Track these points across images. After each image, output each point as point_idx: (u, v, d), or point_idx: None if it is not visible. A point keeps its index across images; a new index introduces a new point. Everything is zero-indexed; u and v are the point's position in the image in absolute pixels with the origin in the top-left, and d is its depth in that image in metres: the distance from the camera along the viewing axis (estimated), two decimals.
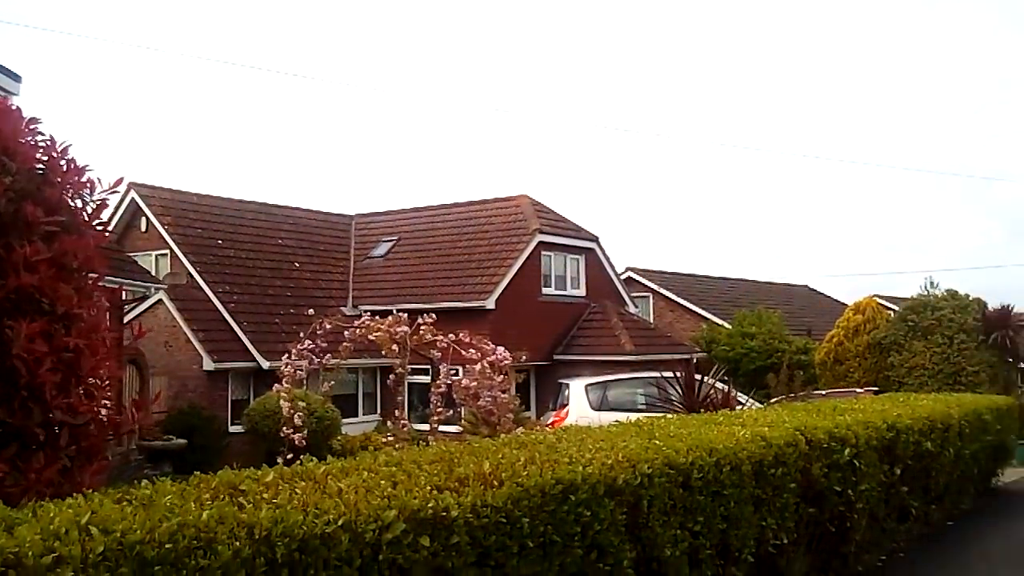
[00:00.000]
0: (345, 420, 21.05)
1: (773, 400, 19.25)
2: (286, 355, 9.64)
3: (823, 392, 22.58)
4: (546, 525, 3.87)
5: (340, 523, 3.05)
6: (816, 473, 6.45)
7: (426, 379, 19.36)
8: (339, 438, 20.22)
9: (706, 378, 13.38)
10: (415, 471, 3.90)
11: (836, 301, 47.69)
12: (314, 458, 4.29)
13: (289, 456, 9.12)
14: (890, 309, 28.10)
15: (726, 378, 14.68)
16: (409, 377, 10.31)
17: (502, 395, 9.11)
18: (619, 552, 4.31)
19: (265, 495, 3.23)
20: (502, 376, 9.21)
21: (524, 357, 10.26)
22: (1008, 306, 24.23)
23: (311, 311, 10.44)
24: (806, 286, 49.72)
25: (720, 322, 31.09)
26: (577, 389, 16.71)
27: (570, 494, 4.03)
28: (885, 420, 8.03)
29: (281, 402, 9.53)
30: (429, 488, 3.55)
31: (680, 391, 13.18)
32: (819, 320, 36.12)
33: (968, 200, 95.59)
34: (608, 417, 16.50)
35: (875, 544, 8.23)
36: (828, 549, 7.05)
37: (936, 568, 8.34)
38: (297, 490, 3.36)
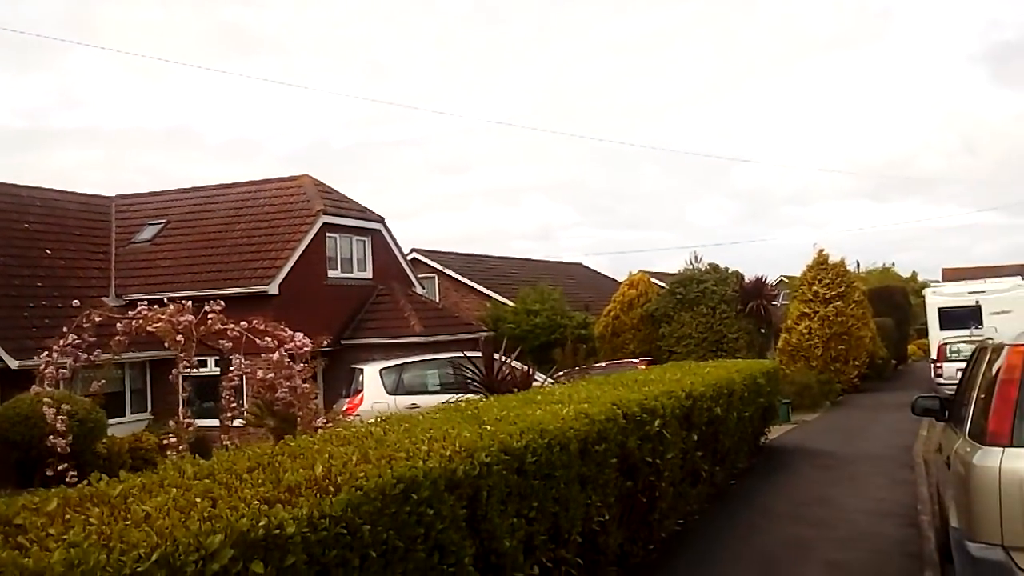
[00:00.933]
0: (111, 420, 19.11)
1: (559, 374, 19.84)
2: (45, 352, 8.41)
3: (603, 364, 23.64)
4: (388, 530, 3.49)
5: (154, 558, 2.50)
6: (631, 445, 6.51)
7: (206, 372, 18.07)
8: (104, 441, 18.35)
9: (504, 357, 13.38)
10: (234, 482, 3.37)
11: (608, 278, 50.25)
12: (75, 472, 3.68)
13: (61, 467, 8.04)
14: (659, 285, 29.95)
15: (521, 356, 14.80)
16: (196, 369, 9.39)
17: (303, 385, 8.49)
18: (460, 550, 4.02)
19: (52, 530, 2.60)
20: (302, 364, 8.59)
21: (326, 343, 9.67)
22: (762, 277, 26.58)
23: (76, 301, 9.19)
24: (580, 264, 51.94)
25: (504, 300, 31.66)
26: (371, 374, 16.22)
27: (412, 493, 3.67)
28: (683, 389, 8.32)
29: (44, 408, 8.32)
30: (257, 503, 3.05)
31: (479, 371, 13.10)
32: (595, 296, 37.84)
33: (710, 181, 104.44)
34: (404, 401, 16.29)
35: (673, 509, 8.54)
36: (638, 519, 7.18)
37: (728, 526, 8.80)
38: (92, 519, 2.74)
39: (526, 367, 13.27)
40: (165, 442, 8.41)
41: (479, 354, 15.16)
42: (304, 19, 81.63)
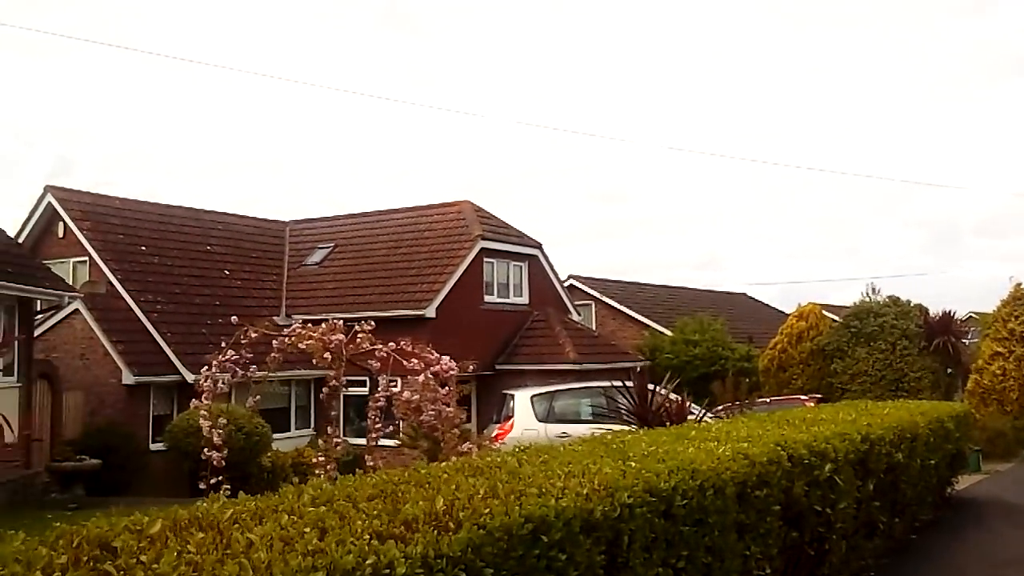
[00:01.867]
0: (276, 435, 19.96)
1: (719, 408, 18.87)
2: (205, 367, 8.69)
3: (767, 400, 22.37)
4: (514, 574, 3.12)
5: None
6: (798, 492, 5.85)
7: (363, 391, 18.44)
8: (269, 455, 19.12)
9: (659, 388, 12.79)
10: (350, 511, 3.11)
11: (774, 309, 48.09)
12: (229, 486, 3.57)
13: (213, 480, 8.25)
14: (831, 318, 28.17)
15: (677, 387, 14.10)
16: (344, 390, 9.44)
17: (447, 408, 8.32)
18: None
19: (144, 556, 2.41)
20: (447, 388, 8.43)
21: (472, 367, 9.50)
22: (950, 312, 24.42)
23: (234, 318, 9.49)
24: (744, 294, 50.03)
25: (662, 330, 30.80)
26: (522, 400, 15.99)
27: (542, 534, 3.29)
28: (858, 431, 7.50)
29: (200, 420, 8.58)
30: (368, 536, 2.77)
31: (632, 401, 12.57)
32: (758, 328, 36.17)
33: (887, 209, 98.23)
34: (555, 429, 15.96)
35: (846, 564, 7.69)
36: (807, 573, 6.45)
37: None
38: (191, 547, 2.55)
39: (681, 399, 12.61)
40: (314, 460, 8.45)
41: (632, 384, 14.64)
42: (474, 50, 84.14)
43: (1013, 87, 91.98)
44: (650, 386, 13.03)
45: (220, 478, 8.15)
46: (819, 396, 22.39)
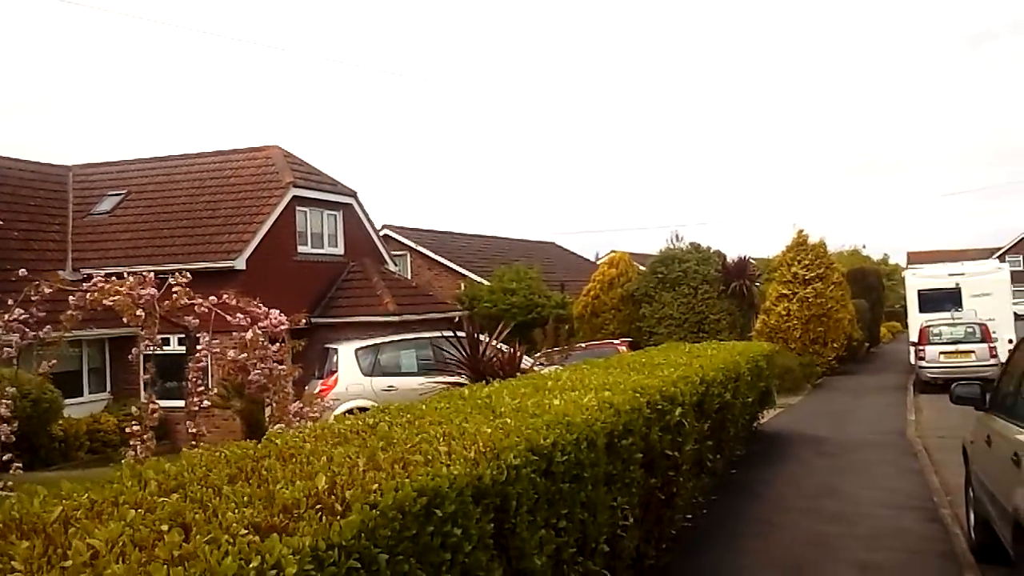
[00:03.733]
0: (68, 400, 18.14)
1: (539, 355, 19.13)
2: None
3: (583, 345, 23.00)
4: (409, 558, 2.74)
5: None
6: (653, 438, 5.82)
7: (169, 351, 17.09)
8: (60, 423, 17.38)
9: (490, 338, 12.61)
10: (212, 499, 2.59)
11: (581, 257, 49.73)
12: (20, 463, 2.90)
13: (6, 457, 7.19)
14: (639, 265, 29.35)
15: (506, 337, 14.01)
16: (159, 349, 8.52)
17: (278, 366, 7.67)
18: (489, 574, 3.29)
19: None
20: (278, 344, 7.77)
21: (304, 321, 8.84)
22: (745, 257, 26.07)
23: (23, 271, 8.27)
24: (553, 243, 51.27)
25: (478, 279, 30.87)
26: (347, 354, 15.37)
27: (435, 508, 2.92)
28: (696, 374, 7.65)
29: None
30: (244, 531, 2.28)
31: (463, 352, 12.32)
32: (568, 275, 37.18)
33: (675, 162, 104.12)
34: (381, 383, 15.51)
35: (685, 503, 7.91)
36: (653, 518, 6.50)
37: (742, 522, 8.18)
38: (16, 563, 1.96)
39: (512, 348, 12.52)
40: (128, 430, 7.54)
41: (461, 334, 14.41)
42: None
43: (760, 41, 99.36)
44: (480, 336, 12.83)
45: (9, 455, 7.10)
46: (630, 340, 23.30)
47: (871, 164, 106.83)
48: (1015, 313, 26.85)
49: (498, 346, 12.62)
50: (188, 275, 7.98)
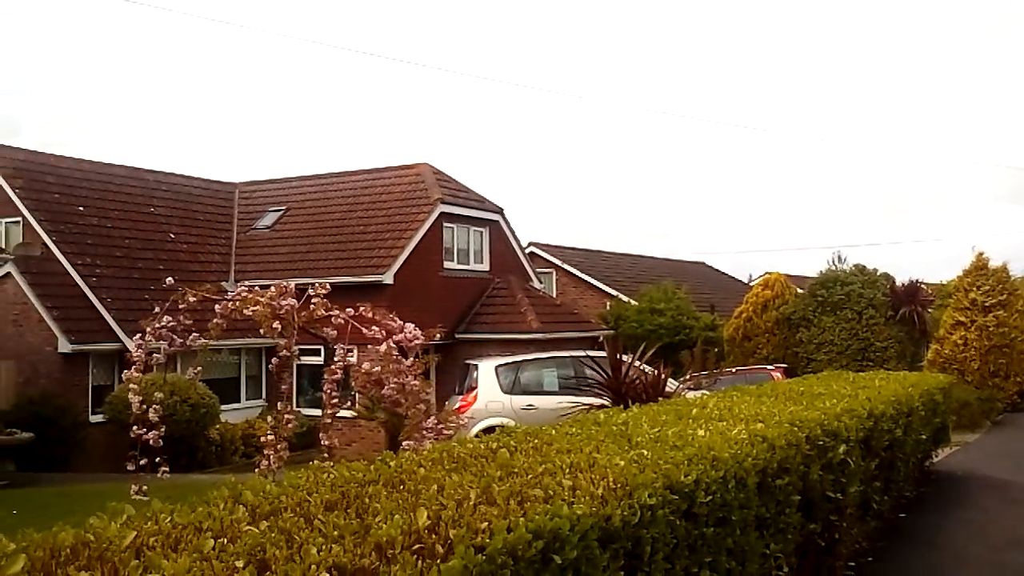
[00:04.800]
0: (226, 406, 19.04)
1: (685, 378, 18.36)
2: (138, 335, 7.73)
3: (733, 370, 21.95)
4: None
5: None
6: (814, 478, 5.18)
7: (317, 360, 17.54)
8: (218, 427, 18.20)
9: (633, 358, 12.10)
10: (302, 529, 2.31)
11: (731, 278, 47.99)
12: (167, 468, 2.75)
13: (143, 461, 7.38)
14: (796, 288, 27.87)
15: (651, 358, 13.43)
16: (296, 360, 8.57)
17: (411, 381, 7.51)
18: None
19: None
20: (412, 359, 7.61)
21: (439, 335, 8.69)
22: (916, 281, 24.21)
23: (169, 280, 8.52)
24: (702, 263, 49.78)
25: (624, 298, 30.24)
26: (487, 370, 15.22)
27: (554, 553, 2.52)
28: (863, 407, 6.87)
29: (129, 395, 7.64)
30: (327, 574, 1.97)
31: (604, 373, 11.88)
32: (719, 296, 35.88)
33: (837, 180, 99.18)
34: (520, 401, 15.24)
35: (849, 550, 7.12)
36: (811, 566, 5.82)
37: (915, 573, 7.28)
38: None
39: (657, 371, 11.95)
40: (263, 439, 7.58)
41: (603, 354, 13.95)
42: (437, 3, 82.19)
43: (960, 62, 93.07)
44: (622, 357, 12.34)
45: (158, 459, 7.26)
46: (784, 366, 22.03)
47: None
48: None
49: (642, 367, 12.10)
50: (328, 286, 7.97)
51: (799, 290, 26.25)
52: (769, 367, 21.59)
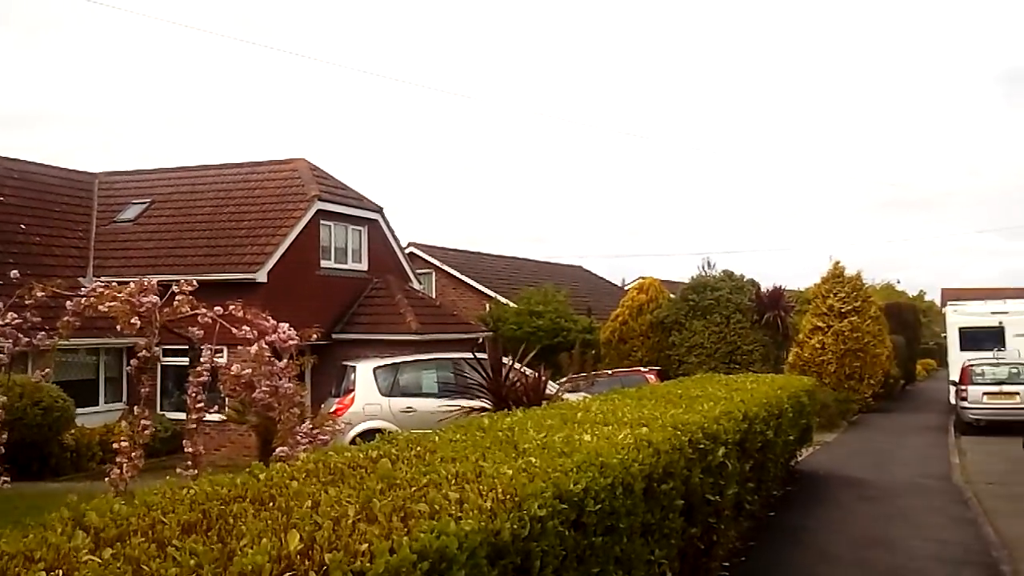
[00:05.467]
0: (83, 410, 17.78)
1: (564, 380, 18.49)
2: None
3: (610, 372, 22.31)
4: None
5: None
6: (695, 481, 5.18)
7: (183, 361, 16.69)
8: (73, 431, 16.97)
9: (513, 360, 12.01)
10: (152, 560, 2.01)
11: (608, 282, 48.98)
12: (8, 477, 2.40)
13: None
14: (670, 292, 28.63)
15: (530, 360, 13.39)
16: (157, 361, 8.01)
17: (284, 384, 7.12)
18: None
19: None
20: (286, 360, 7.22)
21: (315, 336, 8.29)
22: (779, 287, 25.30)
23: (15, 274, 7.80)
24: (579, 266, 50.57)
25: (504, 300, 30.29)
26: (364, 372, 14.82)
27: (440, 575, 2.32)
28: (738, 409, 7.00)
29: None
30: None
31: (485, 375, 11.73)
32: (595, 299, 36.48)
33: (711, 189, 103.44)
34: (399, 403, 14.93)
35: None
36: (690, 569, 5.84)
37: (785, 572, 7.47)
38: None
39: (537, 373, 11.90)
40: (115, 446, 6.99)
41: (483, 356, 13.83)
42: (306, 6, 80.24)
43: (831, 82, 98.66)
44: (503, 359, 12.23)
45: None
46: (658, 368, 22.57)
47: (904, 199, 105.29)
48: None
49: (522, 370, 12.03)
50: (194, 283, 7.47)
51: (671, 295, 26.98)
52: (644, 369, 22.07)
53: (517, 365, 12.08)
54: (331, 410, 14.35)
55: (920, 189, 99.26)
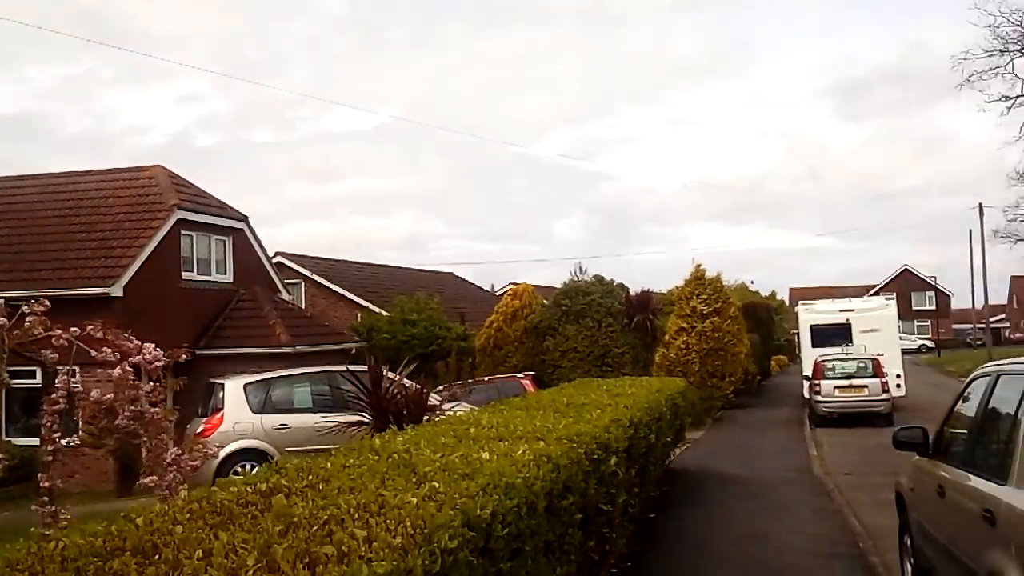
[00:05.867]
0: None
1: (441, 389, 18.29)
2: None
3: (486, 379, 22.28)
4: None
5: None
6: (591, 493, 5.15)
7: (33, 383, 15.50)
8: None
9: (398, 373, 11.75)
10: None
11: (480, 288, 49.16)
12: None
13: None
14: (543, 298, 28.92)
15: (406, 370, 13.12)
16: (7, 385, 7.33)
17: (151, 409, 6.64)
18: None
19: None
20: (151, 383, 6.74)
21: (184, 356, 7.79)
22: (647, 290, 26.03)
23: None
24: (451, 273, 50.48)
25: (376, 309, 29.79)
26: (234, 389, 14.13)
27: None
28: (626, 417, 7.05)
29: None
30: None
31: (364, 389, 11.42)
32: (469, 306, 36.45)
33: (575, 197, 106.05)
34: (272, 421, 14.33)
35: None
36: None
37: (672, 571, 7.59)
38: None
39: (419, 385, 11.69)
40: None
41: (362, 368, 13.48)
42: (170, 8, 76.67)
43: (679, 90, 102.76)
44: (383, 371, 11.95)
45: None
46: (532, 374, 22.71)
47: (755, 204, 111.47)
48: (901, 349, 27.77)
49: (402, 381, 11.78)
50: (47, 303, 6.86)
51: (545, 300, 27.28)
52: (519, 375, 22.14)
53: (395, 376, 11.84)
54: (198, 430, 13.63)
55: (768, 194, 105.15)
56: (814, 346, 26.17)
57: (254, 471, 12.73)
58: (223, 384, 14.30)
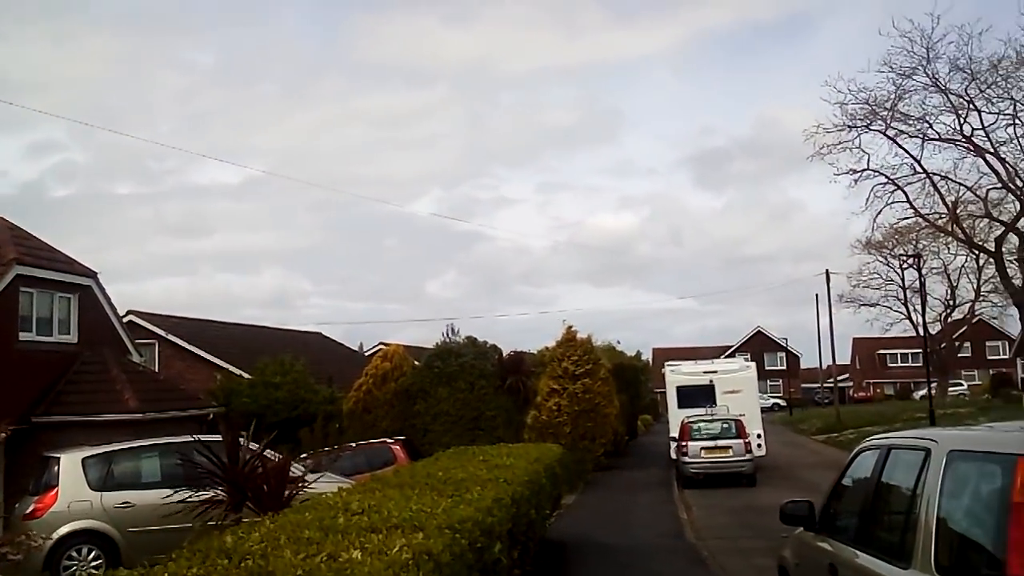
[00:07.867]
0: None
1: (305, 457, 17.28)
2: None
3: (354, 444, 21.30)
4: None
5: None
6: None
7: None
8: None
9: (262, 444, 10.89)
10: None
11: (348, 348, 47.84)
12: None
13: None
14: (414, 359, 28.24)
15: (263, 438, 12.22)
16: None
17: None
18: None
19: None
20: None
21: (4, 435, 6.78)
22: (520, 352, 25.85)
23: None
24: (318, 333, 48.99)
25: (237, 371, 28.25)
26: (70, 464, 12.74)
27: None
28: (509, 495, 6.64)
29: None
30: None
31: (218, 461, 10.49)
32: (337, 368, 35.24)
33: (447, 257, 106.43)
34: (114, 498, 12.99)
35: None
36: None
37: None
38: None
39: (282, 456, 10.87)
40: None
41: (217, 437, 12.49)
42: (28, 52, 72.49)
43: (552, 153, 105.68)
44: (240, 440, 11.06)
45: None
46: (403, 438, 21.94)
47: (620, 266, 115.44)
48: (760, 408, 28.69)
49: (262, 451, 10.93)
50: None
51: (416, 362, 26.64)
52: (389, 440, 21.33)
53: (255, 446, 10.98)
54: (28, 510, 12.20)
55: (635, 256, 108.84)
56: (680, 407, 26.60)
57: (91, 556, 11.36)
58: (58, 458, 12.90)
